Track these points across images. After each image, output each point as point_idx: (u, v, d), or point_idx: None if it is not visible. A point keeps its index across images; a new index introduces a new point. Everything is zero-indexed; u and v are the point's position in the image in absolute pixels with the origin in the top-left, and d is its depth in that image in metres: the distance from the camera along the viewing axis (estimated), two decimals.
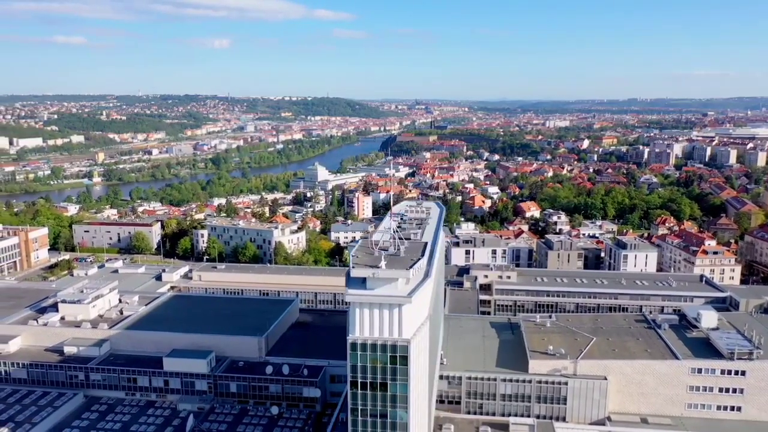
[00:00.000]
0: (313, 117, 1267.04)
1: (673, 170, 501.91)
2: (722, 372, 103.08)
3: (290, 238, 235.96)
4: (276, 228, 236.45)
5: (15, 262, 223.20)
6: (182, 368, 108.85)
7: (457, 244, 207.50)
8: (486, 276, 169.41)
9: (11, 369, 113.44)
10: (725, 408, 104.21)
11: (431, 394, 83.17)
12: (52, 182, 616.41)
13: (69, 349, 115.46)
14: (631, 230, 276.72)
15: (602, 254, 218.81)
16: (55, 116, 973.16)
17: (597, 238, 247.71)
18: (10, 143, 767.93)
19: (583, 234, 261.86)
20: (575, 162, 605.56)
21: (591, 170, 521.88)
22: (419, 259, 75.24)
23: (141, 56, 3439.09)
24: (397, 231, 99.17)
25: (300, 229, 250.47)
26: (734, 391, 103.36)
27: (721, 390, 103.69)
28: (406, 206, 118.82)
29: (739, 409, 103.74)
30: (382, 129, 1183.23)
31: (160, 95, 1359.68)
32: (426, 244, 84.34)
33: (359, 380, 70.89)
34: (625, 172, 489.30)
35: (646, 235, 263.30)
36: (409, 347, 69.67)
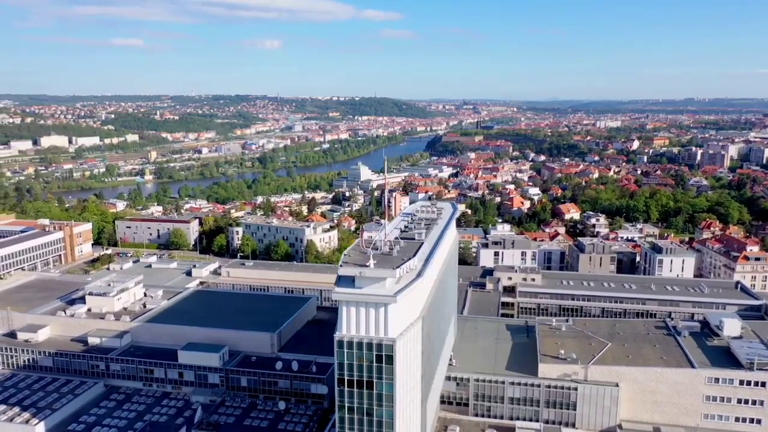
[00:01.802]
0: (360, 117, 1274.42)
1: (726, 173, 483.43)
2: (741, 382, 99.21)
3: (322, 237, 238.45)
4: (308, 227, 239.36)
5: (60, 255, 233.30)
6: (196, 361, 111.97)
7: (486, 246, 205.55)
8: (510, 278, 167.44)
9: (38, 357, 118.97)
10: (744, 420, 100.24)
11: (427, 394, 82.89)
12: (106, 179, 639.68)
13: (92, 340, 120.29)
14: (672, 234, 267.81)
15: (638, 258, 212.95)
16: (113, 116, 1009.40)
17: (635, 241, 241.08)
18: (70, 142, 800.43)
19: (621, 237, 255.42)
20: (623, 163, 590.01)
21: (639, 172, 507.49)
22: (409, 259, 75.23)
23: (194, 57, 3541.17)
24: (404, 230, 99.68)
25: (332, 228, 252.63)
26: (754, 402, 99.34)
27: (739, 401, 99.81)
28: (419, 206, 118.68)
29: (759, 421, 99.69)
30: (429, 129, 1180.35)
31: (212, 95, 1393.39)
32: (422, 244, 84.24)
33: (346, 378, 71.52)
34: (673, 174, 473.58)
35: (687, 239, 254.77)
36: (394, 347, 69.79)
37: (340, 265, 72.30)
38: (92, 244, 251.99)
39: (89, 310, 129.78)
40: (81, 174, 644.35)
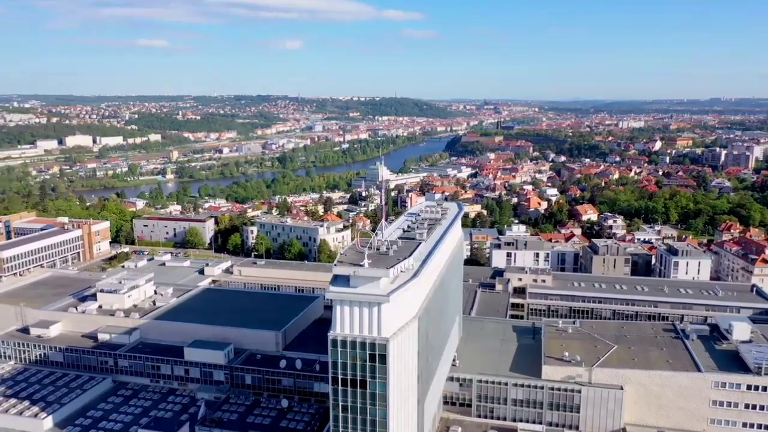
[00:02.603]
0: (380, 117, 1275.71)
1: (750, 174, 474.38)
2: (749, 387, 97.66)
3: (335, 237, 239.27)
4: (321, 226, 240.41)
5: (78, 253, 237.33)
6: (201, 358, 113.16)
7: (498, 246, 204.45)
8: (520, 279, 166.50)
9: (50, 352, 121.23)
10: (752, 425, 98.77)
11: (424, 394, 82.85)
12: (128, 179, 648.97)
13: (102, 336, 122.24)
14: (691, 236, 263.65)
15: (653, 261, 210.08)
16: (136, 116, 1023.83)
17: (651, 243, 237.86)
18: (94, 141, 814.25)
19: (638, 239, 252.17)
20: (645, 164, 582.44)
21: (660, 173, 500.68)
22: (404, 259, 75.30)
23: (217, 58, 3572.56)
24: (406, 230, 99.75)
25: (346, 227, 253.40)
26: (762, 408, 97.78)
27: (747, 406, 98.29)
28: (424, 206, 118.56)
29: (767, 427, 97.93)
30: (449, 129, 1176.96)
31: (233, 96, 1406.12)
32: (419, 244, 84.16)
33: (339, 377, 71.79)
34: (695, 175, 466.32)
35: (706, 241, 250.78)
36: (387, 346, 69.93)
37: (335, 264, 72.73)
38: (110, 242, 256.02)
39: (100, 306, 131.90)
40: (104, 173, 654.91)
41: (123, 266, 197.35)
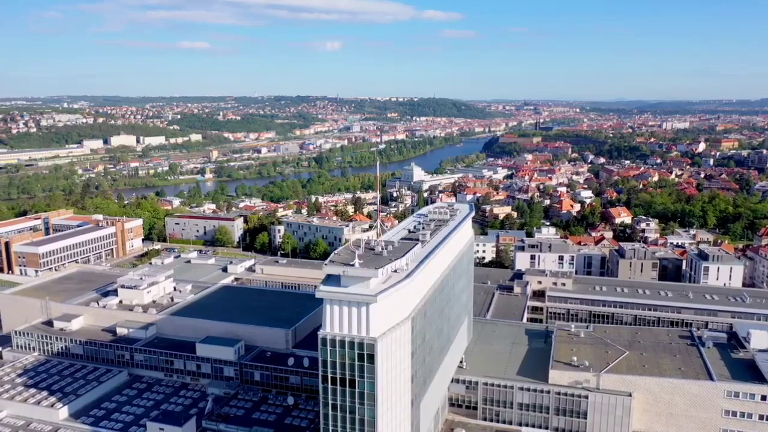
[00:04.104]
0: (418, 117, 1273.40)
1: None
2: (763, 398, 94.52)
3: (360, 237, 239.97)
4: (347, 226, 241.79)
5: (112, 249, 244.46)
6: (212, 354, 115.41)
7: (522, 249, 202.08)
8: (540, 282, 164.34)
9: (71, 345, 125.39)
10: None
11: (421, 395, 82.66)
12: (169, 177, 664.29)
13: (120, 330, 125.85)
14: (727, 241, 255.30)
15: (684, 266, 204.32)
16: (178, 116, 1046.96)
17: (683, 247, 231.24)
18: (137, 141, 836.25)
19: (671, 243, 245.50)
20: (687, 167, 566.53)
21: (702, 175, 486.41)
22: (396, 259, 75.40)
23: (258, 59, 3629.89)
24: (411, 231, 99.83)
25: (372, 227, 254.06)
26: None
27: (761, 417, 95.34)
28: (433, 207, 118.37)
29: None
30: (487, 130, 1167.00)
31: (273, 96, 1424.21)
32: (416, 244, 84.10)
33: (329, 375, 72.37)
34: (738, 178, 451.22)
35: (742, 246, 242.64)
36: (376, 346, 70.14)
37: (325, 264, 73.31)
38: (143, 240, 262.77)
39: (120, 302, 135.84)
40: (146, 172, 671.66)
41: (150, 263, 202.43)
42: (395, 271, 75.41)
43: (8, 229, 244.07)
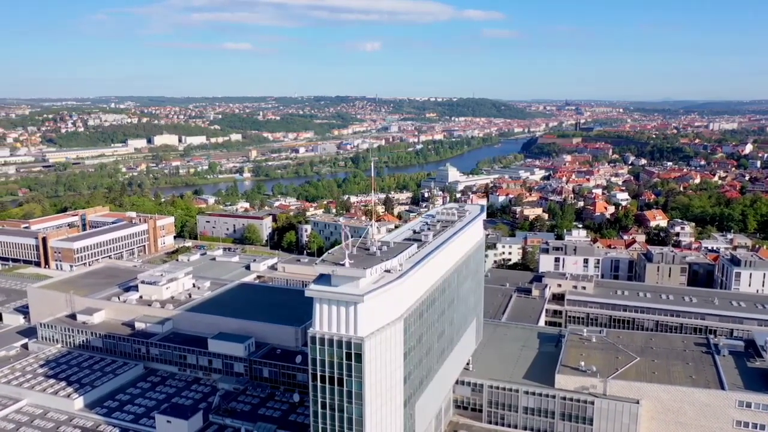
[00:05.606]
0: (456, 118, 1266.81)
1: None
2: None
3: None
4: (371, 225, 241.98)
5: (144, 246, 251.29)
6: (223, 350, 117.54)
7: (546, 251, 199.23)
8: (559, 285, 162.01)
9: (91, 338, 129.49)
10: None
11: (416, 396, 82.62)
12: (208, 176, 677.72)
13: (138, 325, 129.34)
14: (766, 246, 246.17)
15: (716, 271, 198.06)
16: (220, 116, 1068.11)
17: (717, 252, 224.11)
18: (180, 140, 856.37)
19: (705, 247, 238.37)
20: (732, 169, 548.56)
21: (747, 178, 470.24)
22: (388, 259, 75.57)
23: (298, 60, 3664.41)
24: (416, 232, 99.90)
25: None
26: None
27: None
28: (442, 208, 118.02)
29: None
30: (526, 130, 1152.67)
31: (313, 96, 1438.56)
32: (412, 245, 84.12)
33: (318, 373, 72.96)
34: None
35: None
36: (363, 345, 70.48)
37: (316, 263, 74.04)
38: (174, 237, 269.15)
39: (140, 297, 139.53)
40: (186, 171, 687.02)
41: (177, 259, 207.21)
42: (387, 271, 75.56)
43: (47, 225, 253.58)
